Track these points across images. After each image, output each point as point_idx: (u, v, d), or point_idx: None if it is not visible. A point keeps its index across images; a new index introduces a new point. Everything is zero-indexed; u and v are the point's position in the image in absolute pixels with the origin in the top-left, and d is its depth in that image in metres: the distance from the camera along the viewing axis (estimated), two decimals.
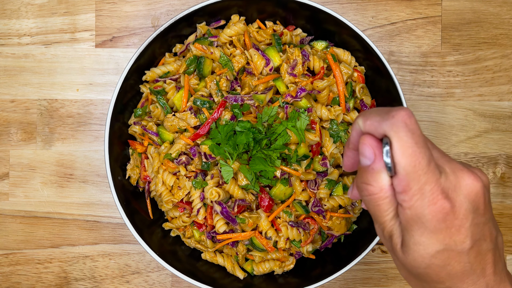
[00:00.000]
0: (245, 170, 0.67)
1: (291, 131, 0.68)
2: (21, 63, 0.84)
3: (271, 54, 0.72)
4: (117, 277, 0.83)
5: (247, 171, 0.67)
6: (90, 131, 0.84)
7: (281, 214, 0.72)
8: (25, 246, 0.84)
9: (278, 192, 0.69)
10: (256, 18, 0.77)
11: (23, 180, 0.84)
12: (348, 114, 0.73)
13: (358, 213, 0.76)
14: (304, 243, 0.72)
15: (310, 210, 0.72)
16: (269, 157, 0.67)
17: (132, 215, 0.71)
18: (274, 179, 0.69)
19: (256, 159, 0.67)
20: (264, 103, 0.70)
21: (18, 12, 0.84)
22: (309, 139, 0.69)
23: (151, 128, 0.74)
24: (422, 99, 0.83)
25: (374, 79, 0.76)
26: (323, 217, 0.72)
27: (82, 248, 0.84)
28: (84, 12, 0.84)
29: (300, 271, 0.76)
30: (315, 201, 0.71)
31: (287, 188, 0.69)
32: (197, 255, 0.77)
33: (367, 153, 0.40)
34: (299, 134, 0.67)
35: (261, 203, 0.71)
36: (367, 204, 0.42)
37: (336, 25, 0.72)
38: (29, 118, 0.84)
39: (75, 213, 0.84)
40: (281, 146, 0.67)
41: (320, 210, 0.71)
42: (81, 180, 0.84)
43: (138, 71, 0.75)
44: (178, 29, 0.74)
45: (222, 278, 0.74)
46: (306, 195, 0.72)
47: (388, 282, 0.83)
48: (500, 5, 0.84)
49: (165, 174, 0.71)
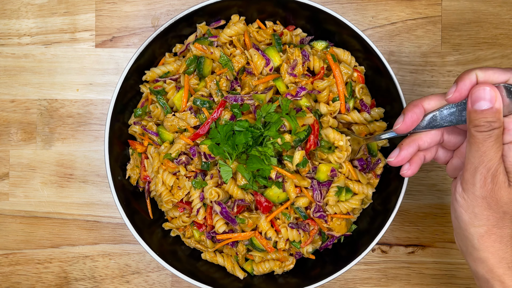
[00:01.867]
0: (242, 170, 0.67)
1: (284, 118, 0.68)
2: (21, 63, 0.84)
3: (271, 54, 0.72)
4: (117, 277, 0.83)
5: (244, 171, 0.67)
6: (90, 131, 0.84)
7: (280, 216, 0.72)
8: (25, 246, 0.84)
9: (272, 194, 0.69)
10: (256, 18, 0.77)
11: (23, 180, 0.84)
12: (348, 114, 0.73)
13: (358, 213, 0.76)
14: (304, 243, 0.72)
15: (311, 215, 0.72)
16: (264, 154, 0.67)
17: (132, 215, 0.71)
18: (270, 181, 0.68)
19: (253, 158, 0.67)
20: (264, 102, 0.70)
21: (18, 12, 0.84)
22: (304, 120, 0.69)
23: (151, 128, 0.74)
24: None
25: (374, 79, 0.76)
26: (325, 221, 0.72)
27: (82, 248, 0.84)
28: (84, 12, 0.84)
29: (300, 271, 0.76)
30: (316, 207, 0.71)
31: (281, 192, 0.69)
32: (197, 255, 0.77)
33: (489, 95, 0.50)
34: (291, 119, 0.67)
35: (258, 204, 0.71)
36: (483, 143, 0.51)
37: (336, 25, 0.72)
38: (29, 118, 0.84)
39: (75, 213, 0.84)
40: (275, 133, 0.67)
41: (322, 215, 0.71)
42: (81, 180, 0.84)
43: (138, 71, 0.75)
44: (178, 29, 0.74)
45: (222, 278, 0.74)
46: (306, 201, 0.71)
47: (388, 282, 0.83)
48: (500, 5, 0.84)
49: (165, 174, 0.71)
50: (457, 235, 0.59)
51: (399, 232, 0.84)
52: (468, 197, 0.54)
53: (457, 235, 0.59)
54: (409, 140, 0.59)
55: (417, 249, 0.84)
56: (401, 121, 0.57)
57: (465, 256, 0.58)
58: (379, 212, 0.74)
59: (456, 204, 0.56)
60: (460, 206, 0.55)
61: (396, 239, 0.84)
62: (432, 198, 0.83)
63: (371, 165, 0.75)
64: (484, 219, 0.54)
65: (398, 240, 0.84)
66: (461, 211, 0.55)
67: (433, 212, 0.83)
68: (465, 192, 0.54)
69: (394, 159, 0.60)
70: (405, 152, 0.59)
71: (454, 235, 0.60)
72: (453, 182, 0.59)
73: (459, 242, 0.59)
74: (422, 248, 0.84)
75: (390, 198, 0.72)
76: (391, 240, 0.84)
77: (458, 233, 0.58)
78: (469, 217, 0.54)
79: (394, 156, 0.60)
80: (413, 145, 0.59)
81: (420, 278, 0.83)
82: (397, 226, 0.84)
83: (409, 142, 0.59)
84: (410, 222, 0.84)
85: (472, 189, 0.53)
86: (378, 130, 0.75)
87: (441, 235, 0.83)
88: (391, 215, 0.69)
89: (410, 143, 0.59)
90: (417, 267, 0.84)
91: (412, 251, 0.84)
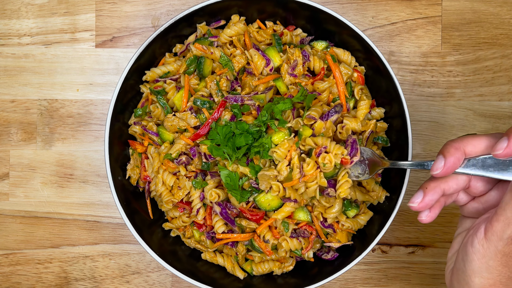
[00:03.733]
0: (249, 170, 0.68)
1: (275, 83, 0.68)
2: (21, 63, 0.84)
3: (272, 54, 0.72)
4: (117, 277, 0.83)
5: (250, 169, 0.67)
6: (90, 131, 0.84)
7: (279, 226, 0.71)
8: (25, 246, 0.84)
9: (263, 200, 0.68)
10: (256, 18, 0.77)
11: (23, 180, 0.84)
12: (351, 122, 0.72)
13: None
14: (305, 250, 0.72)
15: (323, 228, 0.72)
16: (262, 146, 0.66)
17: (132, 215, 0.71)
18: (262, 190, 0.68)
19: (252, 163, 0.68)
20: (265, 102, 0.70)
21: (19, 12, 0.84)
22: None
23: (151, 128, 0.74)
24: (422, 99, 0.83)
25: (374, 79, 0.76)
26: (333, 230, 0.72)
27: (82, 248, 0.84)
28: (84, 12, 0.84)
29: (300, 272, 0.76)
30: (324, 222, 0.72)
31: (272, 200, 0.68)
32: (197, 255, 0.77)
33: None
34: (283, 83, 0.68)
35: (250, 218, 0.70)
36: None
37: (336, 25, 0.72)
38: (29, 118, 0.84)
39: (75, 213, 0.84)
40: (268, 105, 0.67)
41: (333, 228, 0.72)
42: (81, 180, 0.84)
43: (138, 71, 0.75)
44: (178, 29, 0.74)
45: (222, 278, 0.74)
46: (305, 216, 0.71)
47: (388, 282, 0.83)
48: (500, 5, 0.84)
49: (165, 174, 0.71)
50: (455, 274, 0.54)
51: (399, 232, 0.84)
52: (489, 248, 0.50)
53: (455, 275, 0.54)
54: (434, 184, 0.54)
55: (417, 249, 0.84)
56: (441, 166, 0.52)
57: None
58: (379, 212, 0.74)
59: (471, 249, 0.51)
60: (474, 253, 0.51)
61: (396, 239, 0.84)
62: None
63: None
64: (495, 274, 0.50)
65: (398, 240, 0.84)
66: (473, 258, 0.51)
67: None
68: (486, 241, 0.50)
69: (417, 205, 0.54)
70: (430, 198, 0.54)
71: (450, 271, 0.56)
72: (464, 220, 0.57)
73: (454, 281, 0.55)
74: (422, 248, 0.84)
75: (390, 198, 0.72)
76: (391, 240, 0.84)
77: (457, 274, 0.54)
78: (479, 267, 0.51)
79: (417, 201, 0.54)
80: (438, 190, 0.54)
81: (420, 279, 0.83)
82: (397, 226, 0.84)
83: (434, 187, 0.54)
84: (410, 222, 0.84)
85: (496, 242, 0.49)
86: (379, 131, 0.75)
87: (441, 235, 0.83)
88: (392, 215, 0.69)
89: (435, 188, 0.54)
90: (417, 267, 0.84)
91: (412, 251, 0.84)
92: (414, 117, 0.83)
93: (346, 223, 0.71)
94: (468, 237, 0.53)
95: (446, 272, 0.57)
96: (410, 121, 0.69)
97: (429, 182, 0.55)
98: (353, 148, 0.65)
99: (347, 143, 0.66)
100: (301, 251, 0.72)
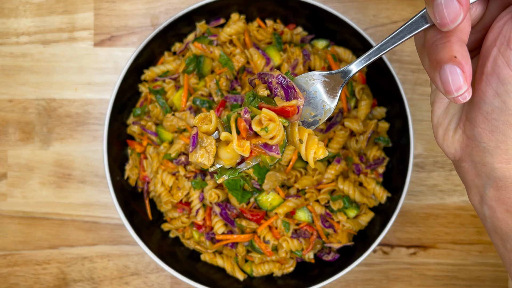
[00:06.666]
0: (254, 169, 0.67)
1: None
2: (19, 62, 0.83)
3: (272, 53, 0.72)
4: (116, 278, 0.83)
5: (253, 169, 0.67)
6: (88, 131, 0.83)
7: (279, 226, 0.71)
8: (23, 247, 0.83)
9: (264, 200, 0.68)
10: (256, 16, 0.76)
11: (21, 181, 0.83)
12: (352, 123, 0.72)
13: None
14: (305, 251, 0.72)
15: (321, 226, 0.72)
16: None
17: (131, 215, 0.71)
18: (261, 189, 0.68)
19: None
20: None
21: (16, 11, 0.83)
22: None
23: (150, 128, 0.73)
24: (424, 98, 0.83)
25: (376, 79, 0.75)
26: (334, 230, 0.72)
27: (81, 249, 0.83)
28: (83, 11, 0.83)
29: (300, 273, 0.75)
30: (323, 219, 0.71)
31: (274, 199, 0.68)
32: (196, 256, 0.76)
33: None
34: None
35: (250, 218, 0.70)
36: None
37: (337, 23, 0.71)
38: (27, 118, 0.83)
39: (74, 214, 0.83)
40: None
41: (333, 228, 0.71)
42: (79, 180, 0.83)
43: (137, 71, 0.74)
44: (178, 28, 0.74)
45: (221, 280, 0.74)
46: (305, 216, 0.71)
47: (389, 283, 0.83)
48: None
49: (164, 174, 0.71)
50: (486, 127, 0.39)
51: (401, 233, 0.83)
52: None
53: (486, 128, 0.39)
54: (457, 47, 0.37)
55: (418, 250, 0.83)
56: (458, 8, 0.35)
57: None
58: (380, 212, 0.73)
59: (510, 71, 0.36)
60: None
61: (397, 240, 0.83)
62: (433, 198, 0.83)
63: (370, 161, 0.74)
64: None
65: (399, 241, 0.83)
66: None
67: (434, 213, 0.83)
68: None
69: (466, 85, 0.36)
70: (469, 69, 0.36)
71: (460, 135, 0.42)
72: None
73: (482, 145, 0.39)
74: (423, 249, 0.83)
75: (392, 198, 0.72)
76: (393, 241, 0.83)
77: (493, 121, 0.38)
78: None
79: (461, 83, 0.36)
80: (465, 52, 0.37)
81: (422, 280, 0.83)
82: (399, 227, 0.83)
83: (462, 52, 0.36)
84: (412, 223, 0.83)
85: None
86: (380, 131, 0.74)
87: (443, 236, 0.83)
88: (393, 216, 0.68)
89: (463, 52, 0.36)
90: (419, 268, 0.83)
91: (413, 252, 0.83)
92: (416, 117, 0.82)
93: (347, 224, 0.70)
94: (491, 66, 0.37)
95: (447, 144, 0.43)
96: (411, 121, 0.69)
97: (451, 48, 0.37)
98: (286, 89, 0.42)
99: (271, 86, 0.43)
100: (301, 252, 0.72)
